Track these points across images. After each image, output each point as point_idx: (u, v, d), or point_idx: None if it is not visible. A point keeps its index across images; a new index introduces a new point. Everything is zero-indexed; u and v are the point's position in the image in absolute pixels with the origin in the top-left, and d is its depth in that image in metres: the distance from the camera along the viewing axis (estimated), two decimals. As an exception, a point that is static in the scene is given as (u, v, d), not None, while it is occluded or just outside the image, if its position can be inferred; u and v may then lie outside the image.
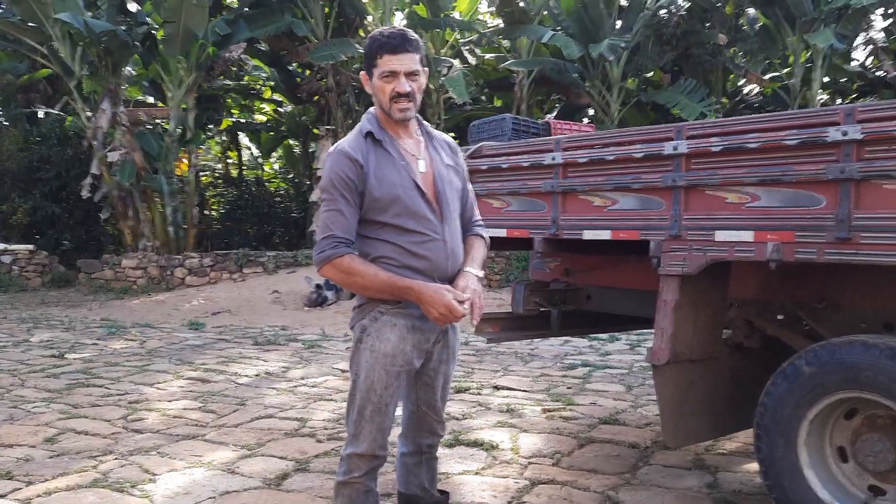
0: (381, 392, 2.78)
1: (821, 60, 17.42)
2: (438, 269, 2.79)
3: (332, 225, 2.73)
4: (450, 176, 2.94)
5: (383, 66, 2.73)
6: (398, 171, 2.78)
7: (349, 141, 2.81)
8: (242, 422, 5.71)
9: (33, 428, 5.46)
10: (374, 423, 2.80)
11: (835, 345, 3.26)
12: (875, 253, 3.01)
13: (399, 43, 2.72)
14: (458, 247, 2.91)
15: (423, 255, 2.76)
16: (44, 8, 15.27)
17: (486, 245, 3.09)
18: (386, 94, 2.75)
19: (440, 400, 3.04)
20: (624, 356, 8.83)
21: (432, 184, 2.86)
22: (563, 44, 16.20)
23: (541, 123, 5.47)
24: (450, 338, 2.99)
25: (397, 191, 2.75)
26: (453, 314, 2.67)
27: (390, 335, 2.78)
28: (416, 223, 2.76)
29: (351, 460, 2.84)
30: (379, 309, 2.80)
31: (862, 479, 3.36)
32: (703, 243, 3.57)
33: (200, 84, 17.54)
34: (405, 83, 2.73)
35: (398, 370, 2.80)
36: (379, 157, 2.78)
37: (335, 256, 2.71)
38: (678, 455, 4.85)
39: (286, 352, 9.25)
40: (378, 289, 2.73)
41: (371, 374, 2.78)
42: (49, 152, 19.19)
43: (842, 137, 3.06)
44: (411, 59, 2.74)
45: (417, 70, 2.77)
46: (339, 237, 2.72)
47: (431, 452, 3.10)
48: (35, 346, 9.40)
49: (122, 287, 16.30)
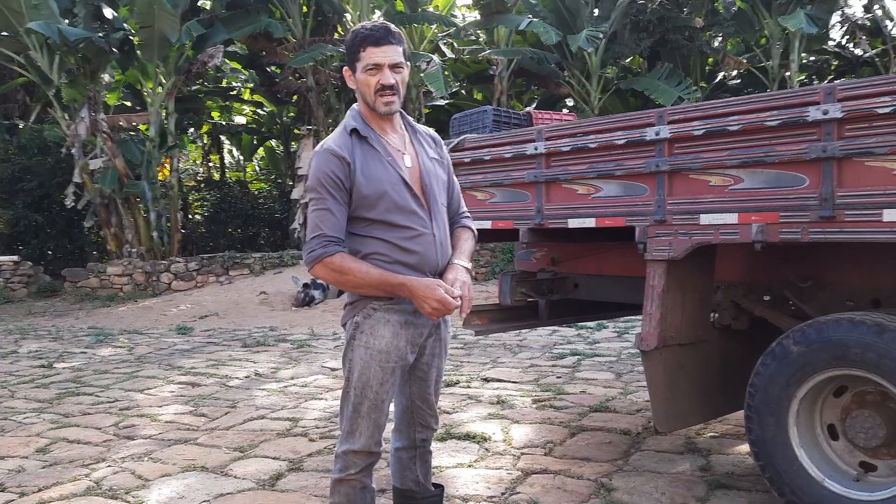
0: (377, 388, 2.77)
1: (798, 42, 17.49)
2: (429, 263, 2.78)
3: (321, 224, 2.71)
4: (435, 169, 2.93)
5: (367, 58, 2.70)
6: (385, 167, 2.76)
7: (335, 139, 2.78)
8: (234, 424, 5.69)
9: (25, 439, 5.43)
10: (371, 420, 2.79)
11: (822, 323, 3.28)
12: (859, 230, 3.03)
13: (382, 35, 2.70)
14: (447, 239, 2.90)
15: (414, 250, 2.75)
16: (18, 17, 15.15)
17: (475, 236, 3.09)
18: (370, 87, 2.73)
19: (433, 394, 3.02)
20: (612, 344, 8.86)
21: (419, 178, 2.84)
22: (541, 30, 16.18)
23: (522, 114, 5.47)
24: (442, 331, 2.97)
25: (385, 187, 2.72)
26: (446, 308, 2.66)
27: (384, 331, 2.76)
28: (405, 218, 2.75)
29: (347, 457, 2.82)
30: (372, 305, 2.77)
31: (853, 455, 3.38)
32: (688, 227, 3.58)
33: (179, 88, 17.45)
34: (389, 75, 2.71)
35: (393, 366, 2.79)
36: (365, 153, 2.75)
37: (326, 255, 2.68)
38: (670, 440, 4.87)
39: (275, 352, 9.23)
40: (370, 286, 2.71)
41: (366, 370, 2.76)
42: (29, 162, 19.07)
43: (822, 116, 3.08)
44: (395, 51, 2.72)
45: (401, 62, 2.74)
46: (329, 236, 2.69)
47: (425, 446, 3.07)
48: (23, 357, 9.35)
49: (108, 294, 16.22)
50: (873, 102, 2.95)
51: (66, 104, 16.49)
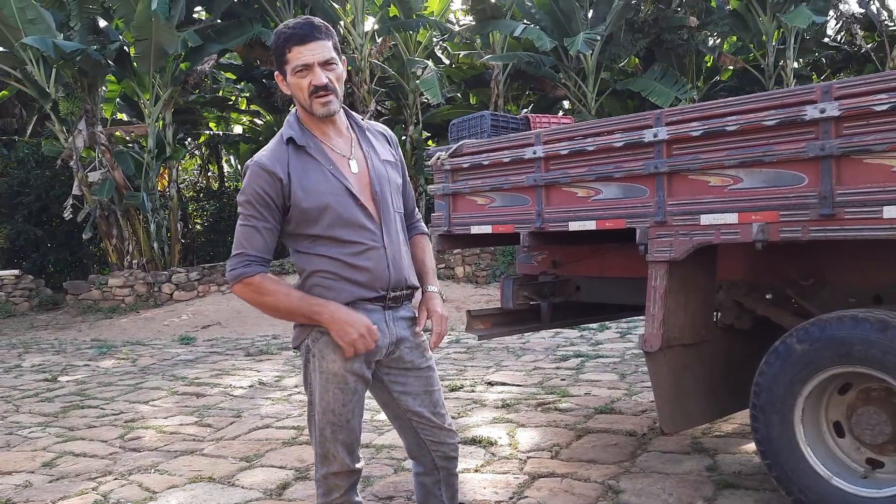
0: (340, 410, 2.59)
1: (793, 39, 17.51)
2: (380, 279, 2.60)
3: (245, 242, 2.56)
4: (388, 173, 2.72)
5: (294, 59, 2.50)
6: (326, 177, 2.56)
7: (268, 151, 2.59)
8: (240, 433, 5.70)
9: (31, 453, 5.44)
10: (339, 441, 2.61)
11: (825, 321, 3.29)
12: (860, 227, 3.04)
13: (307, 32, 2.50)
14: (401, 251, 2.69)
15: (363, 266, 2.57)
16: (14, 32, 15.15)
17: (430, 242, 2.94)
18: (303, 90, 2.53)
19: (437, 404, 2.79)
20: (615, 345, 8.86)
21: (368, 185, 2.64)
22: (535, 36, 16.20)
23: (520, 118, 5.47)
24: (410, 340, 2.73)
25: (327, 200, 2.53)
26: (357, 350, 2.52)
27: (334, 355, 2.57)
28: (351, 233, 2.56)
29: (328, 481, 2.66)
30: (319, 329, 2.58)
31: (859, 452, 3.40)
32: (689, 228, 3.59)
33: (176, 99, 17.46)
34: (321, 74, 2.51)
35: (353, 386, 2.61)
36: (304, 164, 2.56)
37: (246, 276, 2.53)
38: (676, 440, 4.87)
39: (279, 361, 9.24)
40: (289, 311, 2.57)
41: (325, 394, 2.59)
42: (28, 175, 19.07)
43: (820, 115, 3.09)
44: (323, 46, 2.51)
45: (332, 58, 2.53)
46: (251, 255, 2.54)
47: (450, 468, 2.83)
48: (27, 371, 9.35)
49: (110, 306, 16.22)
50: (870, 100, 2.96)
51: (63, 117, 16.49)
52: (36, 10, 15.27)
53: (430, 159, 5.11)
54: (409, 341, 2.72)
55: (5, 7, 14.82)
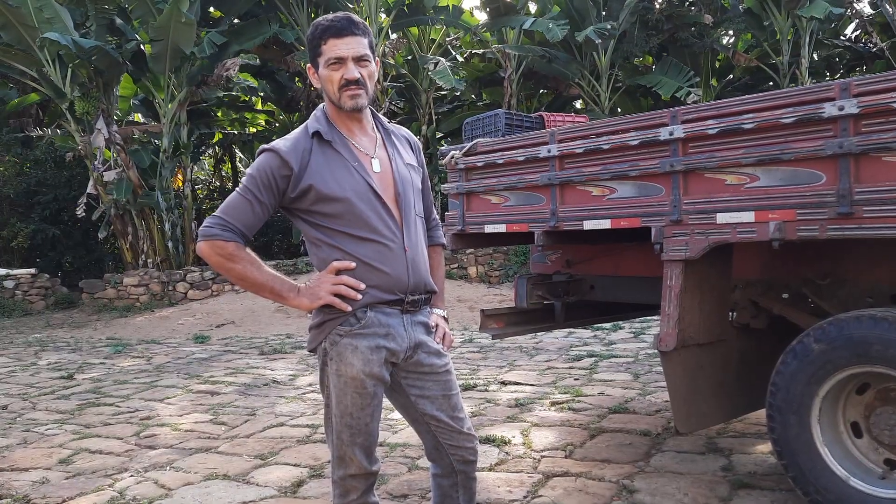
0: (358, 414, 2.56)
1: (808, 37, 17.41)
2: (399, 282, 2.57)
3: (232, 210, 2.52)
4: (411, 176, 2.71)
5: (329, 52, 2.50)
6: (350, 173, 2.55)
7: (290, 139, 2.57)
8: (254, 432, 5.71)
9: (47, 450, 5.46)
10: (357, 445, 2.58)
11: (843, 320, 3.26)
12: (878, 226, 3.02)
13: (345, 25, 2.50)
14: (421, 254, 2.67)
15: (381, 269, 2.54)
16: (31, 31, 15.23)
17: (445, 250, 2.92)
18: (334, 83, 2.52)
19: (455, 408, 2.80)
20: (629, 344, 8.84)
21: (392, 185, 2.62)
22: (545, 27, 16.17)
23: (534, 117, 5.47)
24: (429, 345, 2.71)
25: (347, 193, 2.51)
26: (344, 282, 2.50)
27: (353, 359, 2.53)
28: (371, 232, 2.53)
29: (345, 482, 2.63)
30: (337, 332, 2.55)
31: (878, 453, 3.37)
32: (705, 227, 3.57)
33: (192, 99, 17.51)
34: (354, 69, 2.50)
35: (371, 391, 2.56)
36: (328, 158, 2.55)
37: (220, 238, 2.49)
38: (690, 440, 4.86)
39: (292, 360, 9.25)
40: (256, 283, 2.54)
41: (343, 398, 2.55)
42: (45, 175, 19.19)
43: (838, 112, 3.07)
44: (359, 42, 2.51)
45: (366, 55, 2.53)
46: (232, 224, 2.50)
47: (468, 472, 2.80)
48: (43, 369, 9.39)
49: (125, 305, 16.28)
50: (890, 97, 2.94)
51: (79, 117, 16.57)
52: (53, 9, 15.36)
53: (444, 158, 5.11)
54: (426, 346, 2.69)
55: (23, 6, 14.90)
